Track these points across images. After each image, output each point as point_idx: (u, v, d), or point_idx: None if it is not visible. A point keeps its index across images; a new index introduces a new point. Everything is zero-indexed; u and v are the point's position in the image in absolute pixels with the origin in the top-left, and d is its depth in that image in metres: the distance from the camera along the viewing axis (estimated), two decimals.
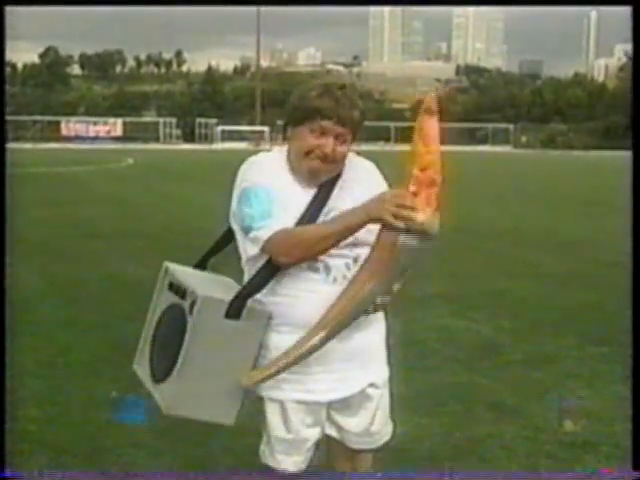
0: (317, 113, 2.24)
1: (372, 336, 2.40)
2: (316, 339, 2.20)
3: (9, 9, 2.65)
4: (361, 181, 2.36)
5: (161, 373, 2.35)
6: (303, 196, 2.29)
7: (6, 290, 2.75)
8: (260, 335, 2.28)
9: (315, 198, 2.29)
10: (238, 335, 2.26)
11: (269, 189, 2.26)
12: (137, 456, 3.68)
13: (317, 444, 2.47)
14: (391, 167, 2.47)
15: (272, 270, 2.27)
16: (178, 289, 2.37)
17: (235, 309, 2.24)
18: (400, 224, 2.06)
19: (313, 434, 2.43)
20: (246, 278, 2.35)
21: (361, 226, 2.15)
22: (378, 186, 2.35)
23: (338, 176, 2.34)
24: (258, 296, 2.28)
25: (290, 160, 2.33)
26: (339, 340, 2.29)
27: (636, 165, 2.59)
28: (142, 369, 2.51)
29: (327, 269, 2.27)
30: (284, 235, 2.21)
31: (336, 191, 2.32)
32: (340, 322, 2.22)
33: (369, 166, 2.46)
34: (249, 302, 2.26)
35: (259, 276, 2.28)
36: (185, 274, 2.48)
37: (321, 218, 2.27)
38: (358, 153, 2.44)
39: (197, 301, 2.22)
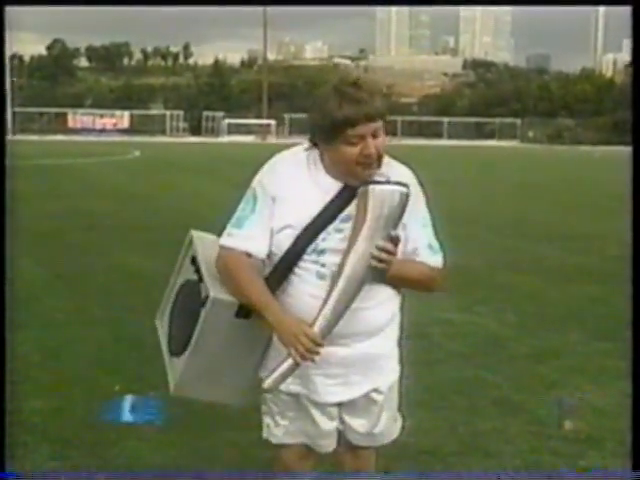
0: (345, 125, 2.13)
1: (375, 344, 2.35)
2: (325, 315, 2.17)
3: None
4: None
5: (175, 348, 2.41)
6: (323, 198, 2.24)
7: (12, 282, 2.75)
8: (270, 330, 2.27)
9: (332, 202, 2.23)
10: (248, 331, 2.29)
11: (269, 196, 2.25)
12: (141, 449, 3.68)
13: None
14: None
15: (284, 272, 2.26)
16: (198, 271, 2.37)
17: (245, 310, 2.26)
18: (295, 356, 2.15)
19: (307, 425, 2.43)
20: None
21: (264, 316, 2.20)
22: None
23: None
24: None
25: (325, 166, 2.26)
26: (338, 347, 2.28)
27: (636, 163, 2.57)
28: (161, 330, 2.57)
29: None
30: (232, 260, 2.25)
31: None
32: (346, 287, 2.17)
33: (403, 174, 2.33)
34: None
35: (271, 278, 2.26)
36: (206, 252, 2.41)
37: (336, 223, 2.22)
38: None
39: (208, 301, 2.24)
